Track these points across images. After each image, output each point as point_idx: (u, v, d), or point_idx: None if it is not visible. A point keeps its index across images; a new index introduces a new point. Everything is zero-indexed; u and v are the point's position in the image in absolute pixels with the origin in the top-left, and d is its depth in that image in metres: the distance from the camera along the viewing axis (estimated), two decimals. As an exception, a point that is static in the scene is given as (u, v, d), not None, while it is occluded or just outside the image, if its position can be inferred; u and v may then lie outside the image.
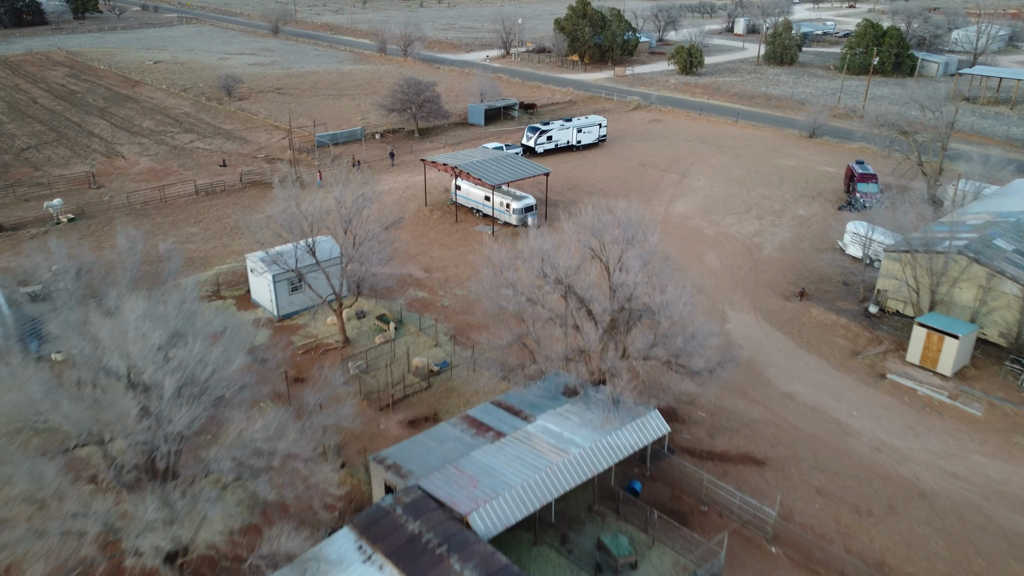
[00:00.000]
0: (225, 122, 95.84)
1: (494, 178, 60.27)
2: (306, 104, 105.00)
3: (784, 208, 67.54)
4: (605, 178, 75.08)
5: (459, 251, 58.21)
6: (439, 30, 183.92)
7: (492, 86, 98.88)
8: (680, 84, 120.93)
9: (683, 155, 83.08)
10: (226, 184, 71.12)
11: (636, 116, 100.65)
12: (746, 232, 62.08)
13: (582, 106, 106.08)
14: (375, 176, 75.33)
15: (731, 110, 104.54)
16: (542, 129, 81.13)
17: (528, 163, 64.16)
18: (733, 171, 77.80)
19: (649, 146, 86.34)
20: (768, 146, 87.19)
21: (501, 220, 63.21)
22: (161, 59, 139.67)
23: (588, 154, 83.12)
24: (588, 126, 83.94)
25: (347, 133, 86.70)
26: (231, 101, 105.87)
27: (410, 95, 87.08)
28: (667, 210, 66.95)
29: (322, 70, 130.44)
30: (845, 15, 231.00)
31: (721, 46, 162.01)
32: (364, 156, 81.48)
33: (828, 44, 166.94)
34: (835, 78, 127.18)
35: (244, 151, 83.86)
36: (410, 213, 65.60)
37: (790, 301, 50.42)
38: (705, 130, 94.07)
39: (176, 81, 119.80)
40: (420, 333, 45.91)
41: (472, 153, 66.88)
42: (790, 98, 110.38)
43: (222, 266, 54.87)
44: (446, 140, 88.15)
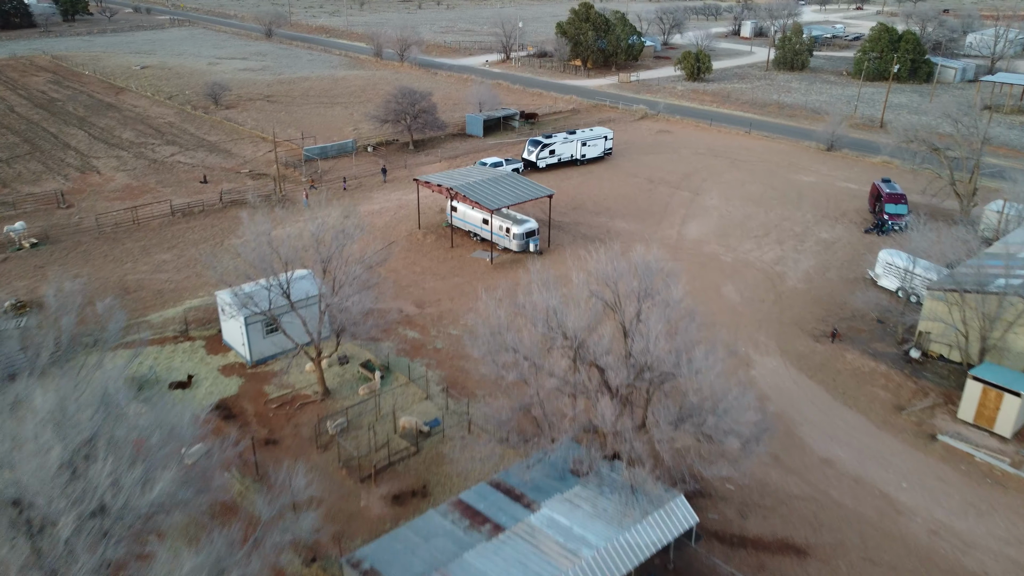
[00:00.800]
0: (210, 133, 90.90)
1: (493, 201, 55.34)
2: (296, 113, 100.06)
3: (806, 231, 62.57)
4: (612, 196, 70.14)
5: (454, 282, 53.26)
6: (437, 33, 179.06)
7: (491, 95, 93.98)
8: (688, 91, 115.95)
9: (694, 170, 78.13)
10: (205, 204, 66.16)
11: (643, 126, 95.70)
12: (767, 259, 57.12)
13: (586, 115, 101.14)
14: (366, 194, 70.49)
15: (742, 119, 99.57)
16: (544, 143, 76.19)
17: (530, 184, 59.20)
18: (748, 188, 72.85)
19: (658, 160, 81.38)
20: (784, 160, 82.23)
21: (500, 245, 58.29)
22: (149, 64, 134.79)
23: (593, 169, 78.17)
24: (593, 139, 79.00)
25: (337, 146, 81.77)
26: (217, 110, 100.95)
27: (404, 105, 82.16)
28: (680, 233, 62.00)
29: (314, 76, 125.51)
30: (853, 17, 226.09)
31: (728, 50, 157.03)
32: (355, 171, 76.54)
33: (838, 48, 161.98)
34: (849, 84, 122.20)
35: (228, 165, 78.92)
36: (402, 237, 60.66)
37: (821, 343, 45.45)
38: (716, 142, 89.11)
39: (162, 88, 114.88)
40: (409, 383, 40.95)
41: (469, 172, 61.95)
42: (804, 107, 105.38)
43: (193, 301, 49.90)
44: (442, 153, 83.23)
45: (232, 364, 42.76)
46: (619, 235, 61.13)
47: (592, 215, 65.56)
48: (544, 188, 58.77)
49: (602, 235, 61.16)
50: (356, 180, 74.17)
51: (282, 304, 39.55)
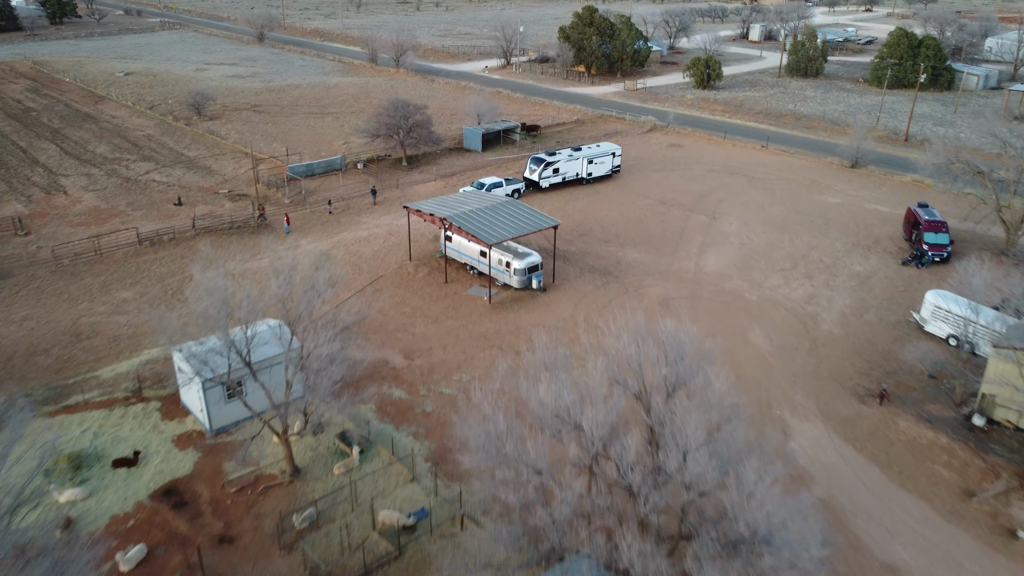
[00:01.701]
0: (190, 147, 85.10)
1: (491, 234, 49.51)
2: (283, 125, 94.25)
3: (837, 262, 56.74)
4: (621, 221, 64.31)
5: (448, 326, 47.44)
6: (435, 36, 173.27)
7: (490, 106, 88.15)
8: (697, 100, 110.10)
9: (709, 189, 72.30)
10: (176, 231, 60.35)
11: (652, 140, 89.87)
12: (796, 297, 51.29)
13: (591, 127, 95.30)
14: (353, 218, 64.69)
15: (757, 132, 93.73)
16: (547, 161, 70.35)
17: (532, 212, 53.37)
18: (769, 211, 67.02)
19: (669, 178, 75.56)
20: (805, 178, 76.37)
21: (500, 281, 52.48)
22: (133, 70, 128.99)
23: (600, 188, 72.34)
24: (600, 156, 73.16)
25: (325, 163, 75.96)
26: (200, 121, 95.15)
27: (397, 119, 76.37)
28: (698, 265, 56.18)
29: (305, 83, 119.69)
30: (864, 19, 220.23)
31: (737, 55, 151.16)
32: (342, 191, 70.72)
33: (851, 52, 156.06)
34: (867, 93, 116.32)
35: (206, 184, 73.13)
36: (391, 270, 54.85)
37: (867, 404, 39.62)
38: (731, 157, 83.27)
39: (144, 96, 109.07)
40: (393, 459, 35.12)
41: (464, 198, 56.12)
42: (821, 117, 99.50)
43: (152, 350, 44.04)
44: (438, 171, 77.40)
45: (189, 433, 36.95)
46: (631, 267, 55.38)
47: (601, 243, 59.75)
48: (548, 218, 52.91)
49: (612, 267, 55.43)
50: (343, 202, 68.34)
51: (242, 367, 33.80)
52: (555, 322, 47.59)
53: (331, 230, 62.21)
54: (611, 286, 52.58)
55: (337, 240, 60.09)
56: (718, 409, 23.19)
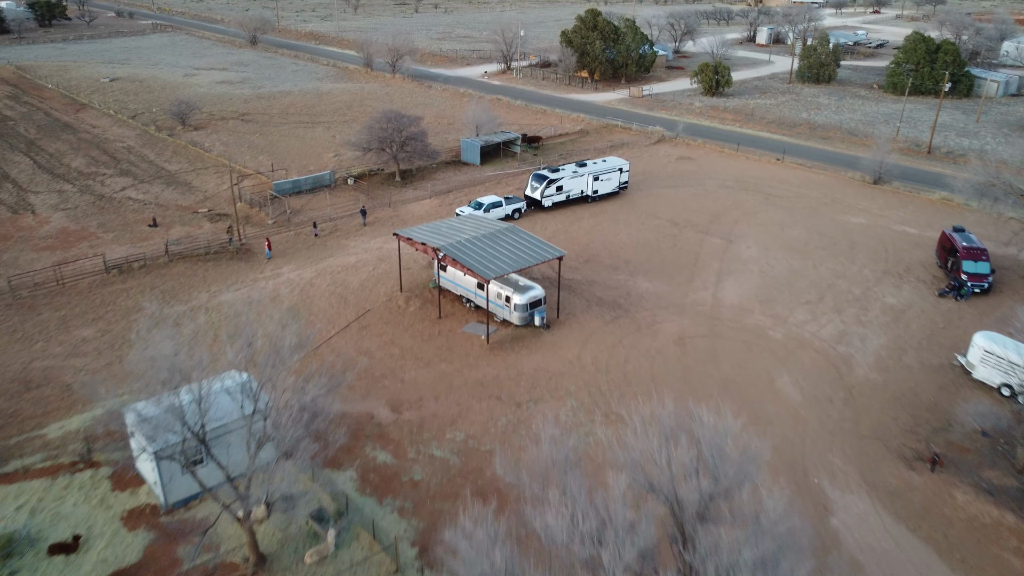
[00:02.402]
0: (171, 160, 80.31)
1: (490, 267, 44.71)
2: (271, 135, 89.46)
3: (867, 293, 51.94)
4: (631, 244, 59.52)
5: (441, 371, 42.64)
6: (433, 40, 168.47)
7: (489, 116, 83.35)
8: (706, 108, 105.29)
9: (724, 208, 67.50)
10: (147, 257, 55.58)
11: (660, 152, 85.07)
12: (826, 336, 46.48)
13: (595, 138, 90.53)
14: (340, 242, 59.89)
15: (771, 143, 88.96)
16: (550, 178, 65.55)
17: (534, 241, 48.53)
18: (789, 233, 62.24)
19: (680, 195, 70.75)
20: (825, 195, 71.56)
21: (499, 317, 47.68)
22: (119, 76, 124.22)
23: (607, 207, 67.53)
24: (607, 172, 68.35)
25: (312, 179, 71.15)
26: (184, 131, 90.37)
27: (390, 132, 71.57)
28: (715, 297, 51.38)
29: (297, 90, 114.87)
30: (871, 21, 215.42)
31: (745, 59, 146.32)
32: (330, 210, 65.91)
33: (862, 56, 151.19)
34: (882, 100, 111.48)
35: (185, 203, 68.35)
36: (380, 302, 50.05)
37: (917, 471, 34.84)
38: (745, 171, 78.45)
39: (128, 104, 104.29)
40: (375, 546, 30.33)
41: (460, 223, 51.31)
42: (837, 127, 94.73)
43: (109, 402, 39.23)
44: (434, 187, 72.59)
45: (142, 508, 32.19)
46: (642, 299, 50.60)
47: (609, 270, 54.95)
48: (552, 248, 48.07)
49: (622, 299, 50.64)
50: (331, 223, 63.55)
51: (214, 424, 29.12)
52: (560, 366, 42.82)
53: (316, 255, 57.45)
54: (621, 321, 47.79)
55: (322, 267, 55.32)
56: (772, 535, 18.39)
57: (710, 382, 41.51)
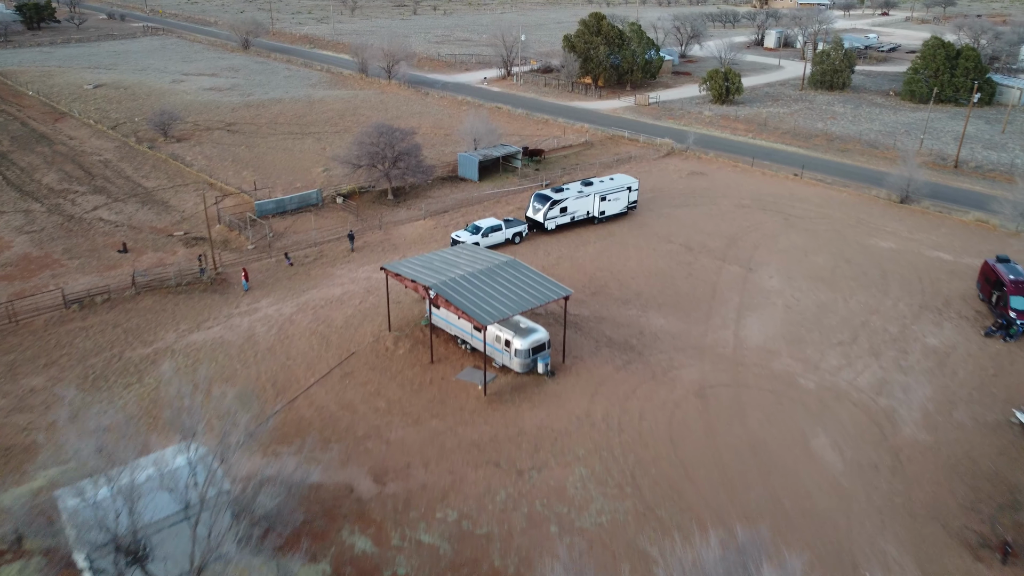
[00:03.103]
0: (149, 175, 75.39)
1: (488, 310, 39.77)
2: (258, 148, 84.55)
3: (905, 332, 46.99)
4: (642, 273, 54.58)
5: (432, 428, 37.72)
6: (431, 43, 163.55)
7: (488, 128, 78.42)
8: (716, 117, 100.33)
9: (741, 231, 62.56)
10: (112, 289, 50.66)
11: (670, 166, 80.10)
12: (864, 385, 41.53)
13: (601, 150, 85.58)
14: (326, 270, 54.95)
15: (786, 156, 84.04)
16: (554, 199, 60.59)
17: (537, 278, 43.54)
18: (814, 260, 57.29)
19: (693, 216, 65.79)
20: (849, 215, 66.58)
21: (497, 362, 42.75)
22: (104, 82, 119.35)
23: (615, 230, 62.59)
24: (614, 192, 63.39)
25: (298, 198, 66.20)
26: (165, 143, 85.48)
27: (381, 147, 66.69)
28: (737, 336, 46.44)
29: (288, 98, 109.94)
30: (882, 24, 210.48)
31: (754, 64, 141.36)
32: (316, 234, 60.96)
33: (874, 61, 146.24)
34: (900, 108, 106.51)
35: (160, 224, 63.46)
36: (366, 344, 45.11)
37: (985, 562, 29.90)
38: (761, 188, 73.49)
39: (110, 113, 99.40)
40: (347, 667, 25.41)
41: (455, 256, 46.33)
42: (856, 138, 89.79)
43: (50, 470, 34.33)
44: (428, 206, 67.64)
45: (75, 612, 27.25)
46: (656, 340, 45.67)
47: (619, 304, 50.01)
48: (558, 286, 43.06)
49: (634, 339, 45.71)
50: (316, 248, 58.59)
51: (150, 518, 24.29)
52: (567, 423, 37.90)
53: (299, 286, 52.51)
54: (634, 366, 42.86)
55: (304, 301, 50.38)
56: None
57: (737, 443, 36.57)
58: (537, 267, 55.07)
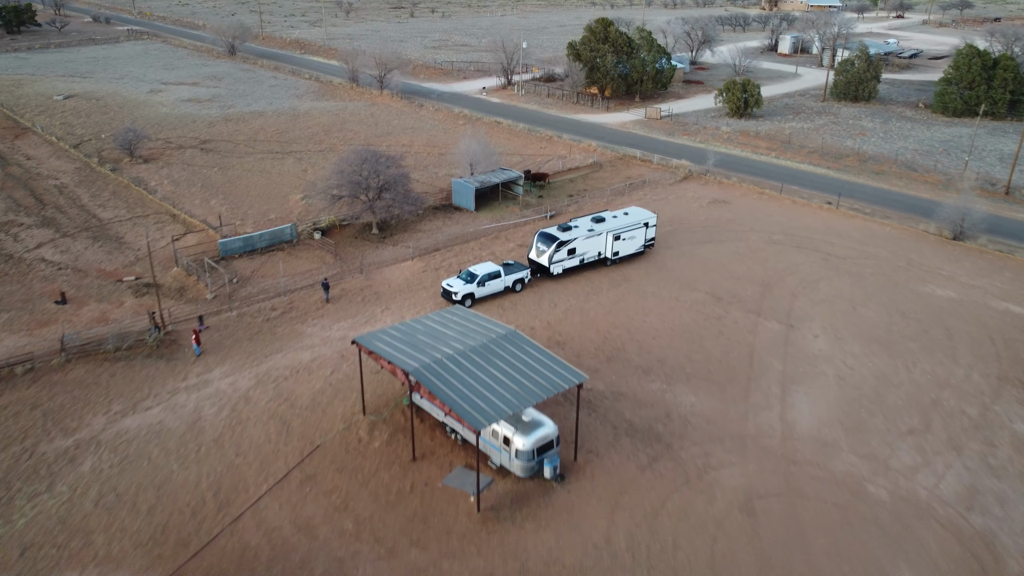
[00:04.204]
0: (107, 204, 67.41)
1: (481, 407, 31.74)
2: (233, 171, 76.53)
3: (986, 415, 38.95)
4: (665, 332, 46.55)
5: (411, 562, 29.67)
6: (428, 49, 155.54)
7: (487, 152, 70.39)
8: (735, 133, 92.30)
9: (775, 275, 54.56)
10: (36, 358, 42.67)
11: (689, 192, 72.05)
12: (949, 495, 33.50)
13: (611, 173, 77.54)
14: (294, 327, 46.93)
15: (815, 179, 76.03)
16: (560, 239, 52.56)
17: (544, 360, 35.43)
18: (863, 313, 49.27)
19: (719, 255, 57.78)
20: (897, 255, 58.55)
21: (494, 462, 34.78)
22: (76, 92, 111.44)
23: (630, 273, 54.59)
24: (630, 229, 55.38)
25: (269, 235, 58.15)
26: (131, 165, 77.52)
27: (364, 176, 58.77)
28: (784, 420, 38.42)
29: (271, 110, 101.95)
30: (898, 28, 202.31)
31: (770, 72, 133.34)
32: (287, 280, 52.93)
33: (896, 68, 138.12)
34: (932, 123, 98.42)
35: (110, 266, 55.50)
36: (336, 432, 37.12)
37: None
38: (793, 219, 65.46)
39: (75, 128, 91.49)
40: None
41: (442, 327, 38.30)
42: (891, 159, 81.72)
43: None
44: (418, 242, 59.63)
45: None
46: (687, 426, 37.70)
47: (639, 375, 42.00)
48: (570, 370, 34.95)
49: (660, 425, 37.72)
50: (285, 299, 50.56)
51: None
52: (582, 555, 29.91)
53: (261, 349, 44.52)
54: (662, 465, 34.89)
55: (265, 370, 42.39)
56: None
57: (800, 587, 28.57)
58: (541, 322, 47.11)
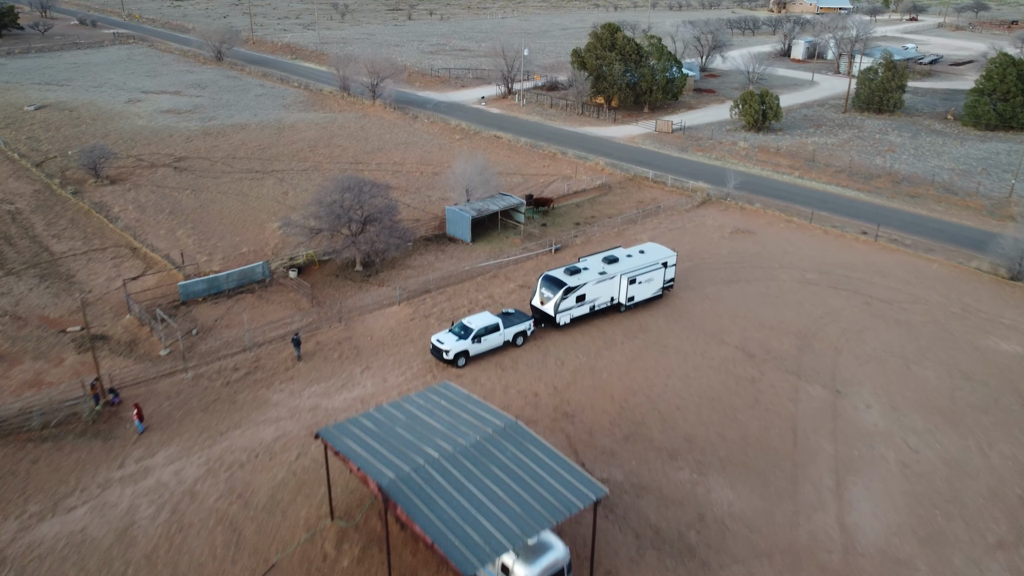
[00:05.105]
0: (63, 234, 60.67)
1: (473, 541, 24.93)
2: (207, 192, 69.74)
3: (1088, 519, 32.17)
4: (691, 398, 39.74)
5: None
6: (425, 54, 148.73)
7: (484, 177, 63.55)
8: (753, 149, 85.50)
9: (812, 323, 47.76)
10: (-54, 438, 35.96)
11: (708, 219, 65.23)
12: (1062, 640, 26.73)
13: (621, 197, 70.72)
14: (257, 393, 40.15)
15: (846, 203, 69.27)
16: (568, 284, 45.72)
17: (555, 465, 28.59)
18: (920, 373, 42.48)
19: (746, 296, 50.99)
20: (949, 298, 51.74)
21: (490, 592, 28.00)
22: (49, 102, 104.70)
23: (647, 322, 47.78)
24: (647, 271, 48.56)
25: (238, 274, 51.32)
26: (95, 187, 70.77)
27: (347, 207, 52.05)
28: (843, 524, 31.61)
29: (255, 123, 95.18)
30: (912, 31, 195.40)
31: (784, 79, 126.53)
32: (256, 330, 46.12)
33: (917, 76, 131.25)
34: (964, 137, 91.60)
35: (55, 311, 48.71)
36: (294, 549, 30.29)
37: None
38: (826, 253, 58.64)
39: (42, 144, 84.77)
40: None
41: (427, 415, 31.46)
42: (928, 180, 74.90)
43: None
44: (406, 281, 52.81)
45: None
46: (725, 531, 30.93)
47: (665, 460, 35.20)
48: (586, 480, 28.04)
49: (691, 532, 30.90)
50: (251, 354, 43.74)
51: None
52: None
53: (217, 422, 37.75)
54: (697, 592, 28.07)
55: (219, 453, 35.60)
56: None
57: None
58: (547, 386, 40.33)
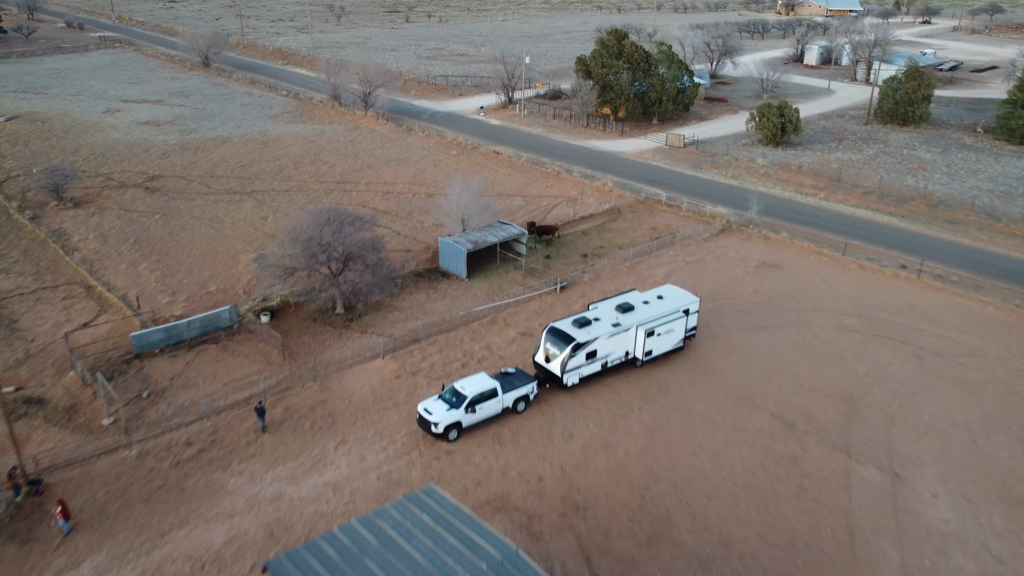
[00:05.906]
0: (12, 268, 54.52)
1: None
2: (177, 218, 63.58)
3: None
4: (723, 484, 33.53)
5: None
6: (422, 59, 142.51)
7: (481, 203, 57.38)
8: (773, 166, 79.28)
9: (856, 382, 41.56)
10: None
11: (730, 250, 59.00)
12: None
13: (631, 224, 64.49)
14: (212, 476, 34.02)
15: (878, 230, 63.11)
16: (577, 340, 39.52)
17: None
18: (989, 449, 36.30)
19: (778, 347, 44.77)
20: (1011, 350, 45.49)
21: None
22: (21, 112, 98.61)
23: (668, 381, 41.57)
24: (666, 320, 42.35)
25: (201, 321, 45.13)
26: (57, 210, 64.68)
27: (326, 243, 45.89)
28: (923, 671, 25.41)
29: (238, 136, 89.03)
30: (926, 35, 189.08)
31: (800, 87, 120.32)
32: (212, 395, 39.95)
33: (940, 84, 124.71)
34: (999, 152, 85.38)
35: (-10, 367, 42.60)
36: None
37: None
38: (864, 292, 52.41)
39: (5, 160, 78.65)
40: None
41: (406, 530, 25.30)
42: (966, 203, 68.65)
43: None
44: (392, 327, 46.58)
45: None
46: None
47: (697, 572, 28.96)
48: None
49: None
50: (208, 424, 37.54)
51: None
52: None
53: (159, 521, 31.57)
54: None
55: (157, 561, 29.43)
56: None
57: None
58: (552, 468, 34.17)
